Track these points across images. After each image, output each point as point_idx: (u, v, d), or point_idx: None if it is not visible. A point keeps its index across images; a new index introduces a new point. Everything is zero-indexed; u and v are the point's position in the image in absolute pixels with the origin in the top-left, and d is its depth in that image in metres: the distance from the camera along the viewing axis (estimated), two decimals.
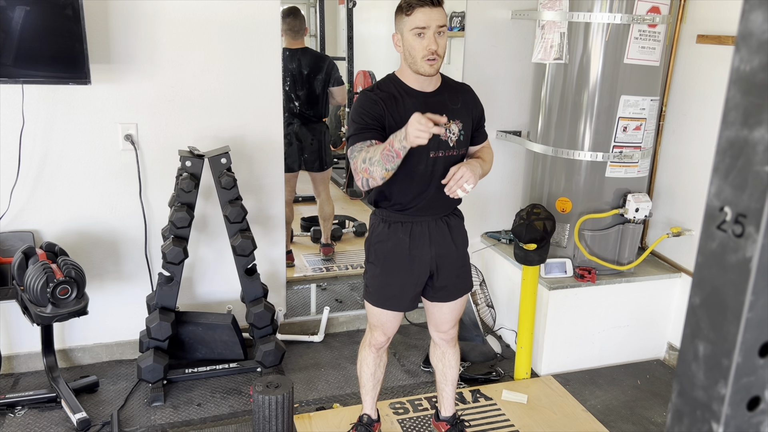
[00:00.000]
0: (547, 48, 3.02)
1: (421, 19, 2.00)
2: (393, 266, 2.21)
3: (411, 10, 2.01)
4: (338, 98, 4.17)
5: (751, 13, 0.48)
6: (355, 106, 2.11)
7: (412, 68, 2.07)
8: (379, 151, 1.94)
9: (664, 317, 3.32)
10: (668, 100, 3.28)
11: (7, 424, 2.64)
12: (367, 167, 1.98)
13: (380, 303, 2.28)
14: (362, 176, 2.02)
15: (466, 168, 2.04)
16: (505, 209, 3.59)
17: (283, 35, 3.88)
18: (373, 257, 2.25)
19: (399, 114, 2.06)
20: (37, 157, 2.83)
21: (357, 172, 2.03)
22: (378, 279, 2.25)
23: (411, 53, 2.04)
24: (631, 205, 3.01)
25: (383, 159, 1.94)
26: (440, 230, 2.21)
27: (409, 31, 2.02)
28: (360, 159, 2.00)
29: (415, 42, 2.01)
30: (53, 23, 2.53)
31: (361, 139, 2.04)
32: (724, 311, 0.50)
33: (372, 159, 1.96)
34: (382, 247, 2.22)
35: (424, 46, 2.01)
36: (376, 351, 2.42)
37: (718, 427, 0.51)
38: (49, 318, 2.45)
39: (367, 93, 2.11)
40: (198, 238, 3.14)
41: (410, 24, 2.01)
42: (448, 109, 2.13)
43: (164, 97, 2.93)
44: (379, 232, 2.22)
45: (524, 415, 2.81)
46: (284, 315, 3.43)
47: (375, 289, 2.28)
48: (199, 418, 2.73)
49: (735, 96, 0.49)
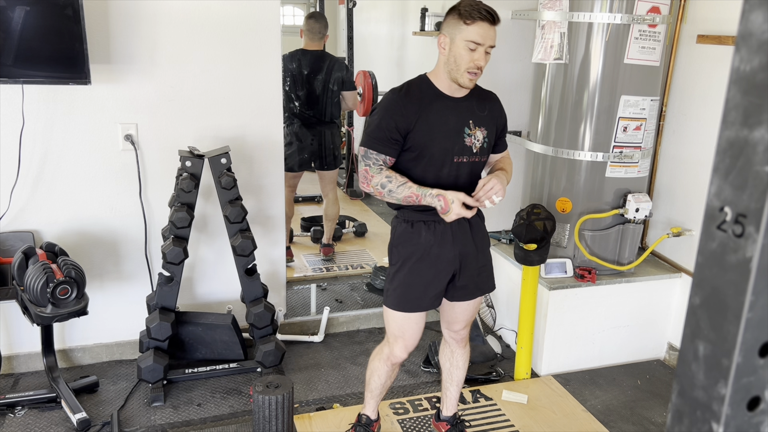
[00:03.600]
0: (547, 48, 3.02)
1: (478, 33, 1.99)
2: (416, 266, 2.18)
3: (471, 21, 1.98)
4: (349, 103, 4.16)
5: (751, 13, 0.48)
6: (383, 106, 2.09)
7: (451, 75, 2.07)
8: (403, 193, 2.04)
9: (664, 317, 3.32)
10: (668, 100, 3.28)
11: (7, 424, 2.64)
12: (383, 193, 2.08)
13: (402, 305, 2.22)
14: (373, 192, 2.10)
15: (497, 180, 2.07)
16: (505, 209, 3.59)
17: (302, 36, 4.07)
18: (396, 258, 2.21)
19: (427, 118, 2.07)
20: (37, 157, 2.83)
21: (368, 184, 2.10)
22: (402, 280, 2.19)
23: (457, 61, 2.03)
24: (632, 205, 3.01)
25: (404, 200, 2.06)
26: (462, 229, 2.20)
27: (462, 41, 2.00)
28: (378, 182, 2.07)
29: (465, 53, 2.01)
30: (53, 23, 2.53)
31: (379, 149, 2.07)
32: (724, 311, 0.50)
33: (392, 193, 2.06)
34: (406, 247, 2.18)
35: (472, 59, 2.01)
36: (392, 365, 2.36)
37: (718, 427, 0.51)
38: (49, 318, 2.45)
39: (397, 95, 2.09)
40: (198, 238, 3.14)
41: (466, 35, 1.99)
42: (475, 115, 2.15)
43: (164, 97, 2.93)
44: (402, 232, 2.19)
45: (524, 415, 2.81)
46: (284, 315, 3.43)
47: (398, 292, 2.21)
48: (199, 418, 2.73)
49: (735, 96, 0.49)
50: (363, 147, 2.10)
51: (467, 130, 2.13)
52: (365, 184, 2.11)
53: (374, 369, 2.41)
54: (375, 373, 2.41)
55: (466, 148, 2.13)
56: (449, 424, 2.59)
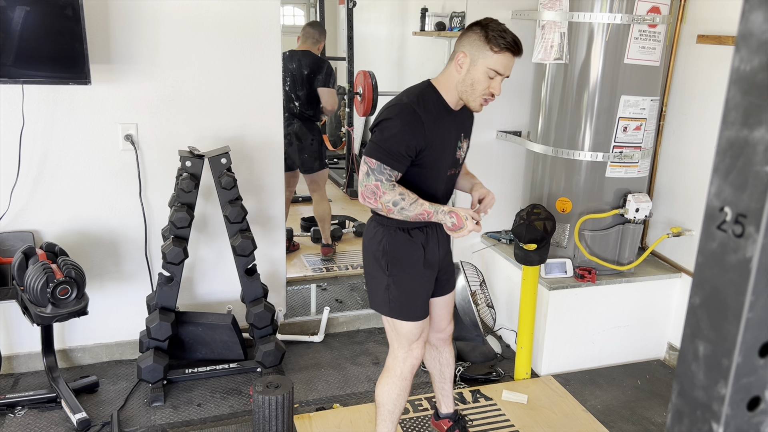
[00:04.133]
0: (547, 48, 3.02)
1: (503, 63, 1.96)
2: (420, 272, 2.15)
3: (499, 50, 1.94)
4: (324, 101, 4.06)
5: (751, 13, 0.48)
6: (403, 120, 1.96)
7: (462, 96, 2.03)
8: (415, 211, 1.97)
9: (664, 317, 3.32)
10: (668, 100, 3.28)
11: (7, 424, 2.64)
12: (392, 210, 1.97)
13: (413, 314, 2.15)
14: (378, 208, 2.00)
15: (489, 190, 2.18)
16: (505, 209, 3.59)
17: (298, 41, 4.15)
18: (396, 269, 2.11)
19: (440, 135, 2.04)
20: (37, 157, 2.83)
21: (376, 200, 1.97)
22: (405, 288, 2.13)
23: (474, 86, 1.99)
24: (632, 205, 3.01)
25: (414, 217, 1.99)
26: (441, 231, 2.21)
27: (484, 66, 1.96)
28: (390, 200, 1.95)
29: (484, 79, 1.97)
30: (53, 23, 2.53)
31: (393, 165, 1.95)
32: (724, 311, 0.50)
33: (404, 210, 1.97)
34: (405, 255, 2.11)
35: (490, 86, 1.99)
36: (413, 373, 2.24)
37: (718, 427, 0.51)
38: (49, 318, 2.45)
39: (416, 110, 1.97)
40: (198, 238, 3.14)
41: (490, 62, 1.95)
42: (464, 126, 2.16)
43: (164, 97, 2.93)
44: (398, 241, 2.10)
45: (524, 415, 2.81)
46: (284, 315, 3.43)
47: (405, 301, 2.14)
48: (199, 419, 2.73)
49: (735, 96, 0.49)
50: (375, 160, 1.95)
51: (459, 142, 2.14)
52: (372, 199, 1.98)
53: (399, 392, 2.24)
54: (401, 396, 2.25)
55: (456, 161, 2.15)
56: (451, 420, 2.58)
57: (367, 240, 2.18)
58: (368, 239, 2.17)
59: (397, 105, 2.00)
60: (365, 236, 2.20)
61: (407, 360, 2.21)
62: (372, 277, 2.19)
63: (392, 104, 2.03)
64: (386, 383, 2.24)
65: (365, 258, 2.21)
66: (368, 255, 2.18)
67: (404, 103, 1.99)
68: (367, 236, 2.18)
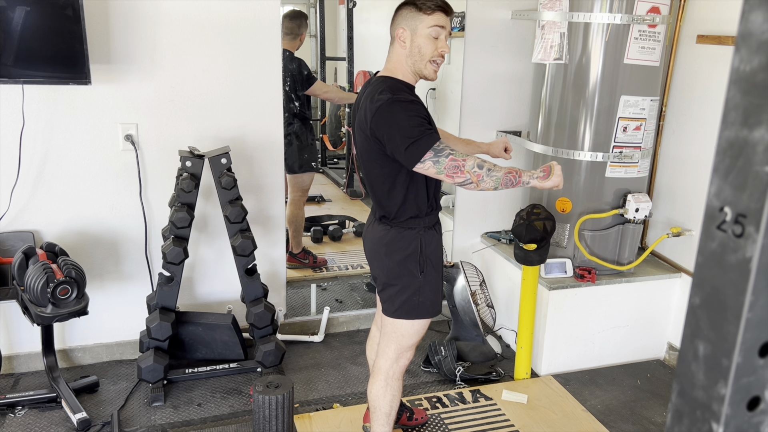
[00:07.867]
0: (547, 48, 3.02)
1: (439, 21, 1.99)
2: (440, 267, 2.17)
3: (431, 11, 1.98)
4: (317, 91, 3.98)
5: (751, 13, 0.48)
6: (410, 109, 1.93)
7: (415, 68, 2.04)
8: (503, 172, 1.93)
9: (664, 317, 3.32)
10: (668, 100, 3.28)
11: (7, 424, 2.64)
12: (480, 175, 1.90)
13: (436, 309, 2.17)
14: (464, 181, 1.92)
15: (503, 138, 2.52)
16: (505, 209, 3.59)
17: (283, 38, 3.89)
18: (429, 268, 2.10)
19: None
20: (37, 157, 2.83)
21: (462, 171, 1.89)
22: (435, 286, 2.13)
23: (421, 51, 2.01)
24: (631, 205, 3.01)
25: (503, 181, 1.94)
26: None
27: (425, 28, 1.99)
28: (473, 165, 1.89)
29: (430, 42, 2.00)
30: (53, 23, 2.53)
31: (437, 138, 1.90)
32: (724, 311, 0.50)
33: (491, 173, 1.91)
34: (436, 253, 2.13)
35: (437, 47, 2.01)
36: (402, 374, 2.26)
37: (718, 427, 0.51)
38: (49, 318, 2.45)
39: (412, 98, 2.00)
40: (198, 238, 3.14)
41: (429, 22, 1.98)
42: None
43: (164, 97, 2.93)
44: (429, 238, 2.09)
45: (524, 415, 2.82)
46: (284, 315, 3.43)
47: (434, 300, 2.14)
48: (199, 418, 2.73)
49: (735, 96, 0.49)
50: (426, 147, 1.87)
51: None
52: (458, 172, 1.89)
53: (394, 394, 2.23)
54: (396, 396, 2.25)
55: None
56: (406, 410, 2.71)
57: (386, 248, 2.09)
58: (389, 246, 2.09)
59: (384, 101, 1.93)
60: (379, 244, 2.12)
61: (401, 360, 2.21)
62: (393, 284, 2.10)
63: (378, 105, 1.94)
64: (381, 386, 2.22)
65: (386, 267, 2.11)
66: (391, 262, 2.09)
67: (398, 97, 1.95)
68: (388, 243, 2.09)
